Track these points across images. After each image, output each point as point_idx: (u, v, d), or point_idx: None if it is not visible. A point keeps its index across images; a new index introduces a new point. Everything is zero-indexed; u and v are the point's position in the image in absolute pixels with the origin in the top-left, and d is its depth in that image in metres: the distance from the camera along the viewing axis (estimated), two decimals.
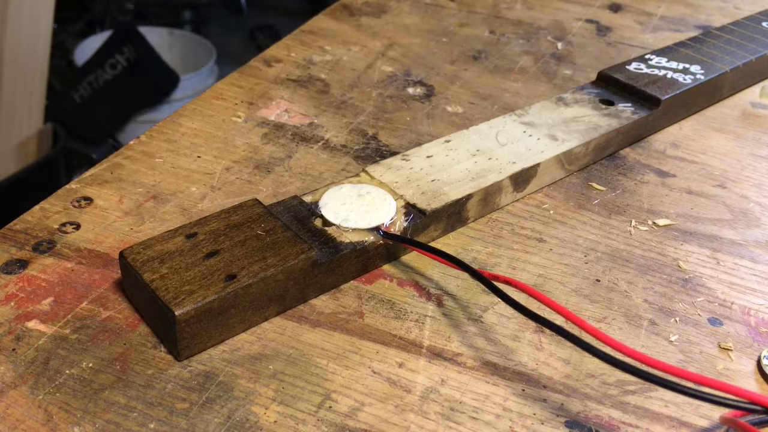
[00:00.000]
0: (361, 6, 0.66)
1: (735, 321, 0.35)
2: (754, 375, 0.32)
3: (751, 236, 0.41)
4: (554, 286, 0.36)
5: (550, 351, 0.33)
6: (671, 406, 0.31)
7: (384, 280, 0.36)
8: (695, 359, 0.33)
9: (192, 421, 0.28)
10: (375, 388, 0.30)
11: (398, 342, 0.32)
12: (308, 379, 0.30)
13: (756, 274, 0.38)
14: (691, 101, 0.51)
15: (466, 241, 0.39)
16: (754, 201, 0.44)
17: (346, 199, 0.37)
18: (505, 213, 0.41)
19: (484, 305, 0.35)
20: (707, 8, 0.70)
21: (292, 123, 0.48)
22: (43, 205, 0.38)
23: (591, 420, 0.30)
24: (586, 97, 0.48)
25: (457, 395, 0.30)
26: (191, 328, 0.30)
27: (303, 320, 0.33)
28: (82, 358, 0.30)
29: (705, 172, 0.46)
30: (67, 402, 0.29)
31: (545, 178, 0.43)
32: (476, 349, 0.32)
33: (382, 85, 0.53)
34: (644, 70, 0.50)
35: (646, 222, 0.41)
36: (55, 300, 0.33)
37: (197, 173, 0.42)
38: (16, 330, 0.31)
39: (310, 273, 0.33)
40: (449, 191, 0.38)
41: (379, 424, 0.29)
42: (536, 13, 0.67)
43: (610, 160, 0.46)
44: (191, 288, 0.30)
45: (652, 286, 0.37)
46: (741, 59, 0.53)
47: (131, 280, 0.32)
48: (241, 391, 0.30)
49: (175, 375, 0.30)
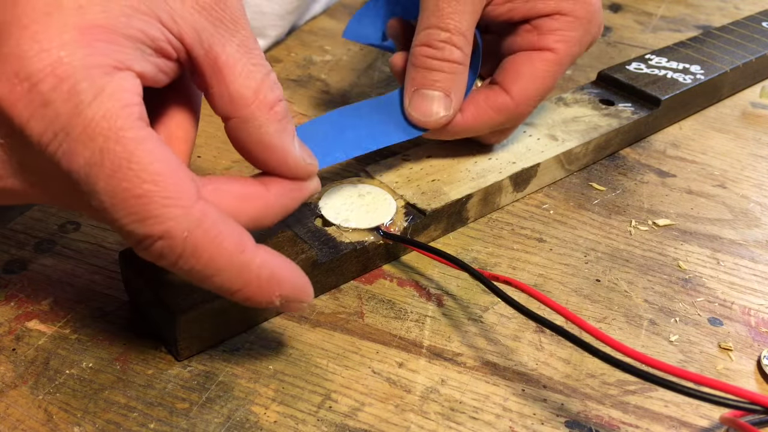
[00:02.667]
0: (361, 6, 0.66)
1: (735, 321, 0.35)
2: (754, 375, 0.32)
3: (751, 236, 0.41)
4: (554, 286, 0.36)
5: (550, 351, 0.33)
6: (671, 406, 0.31)
7: (384, 280, 0.36)
8: (695, 359, 0.33)
9: (192, 421, 0.28)
10: (375, 388, 0.30)
11: (398, 342, 0.32)
12: (308, 379, 0.30)
13: (756, 274, 0.38)
14: (691, 101, 0.51)
15: (466, 241, 0.39)
16: (754, 201, 0.44)
17: (346, 199, 0.37)
18: (505, 213, 0.41)
19: (484, 305, 0.35)
20: (707, 8, 0.70)
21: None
22: (43, 205, 0.38)
23: (591, 420, 0.30)
24: (586, 97, 0.48)
25: (457, 395, 0.30)
26: (191, 328, 0.30)
27: (303, 320, 0.33)
28: (82, 358, 0.30)
29: (705, 172, 0.46)
30: (67, 402, 0.29)
31: (545, 178, 0.43)
32: (476, 349, 0.32)
33: (382, 85, 0.53)
34: (644, 70, 0.51)
35: (646, 222, 0.41)
36: (55, 300, 0.33)
37: (197, 173, 0.42)
38: (16, 330, 0.31)
39: (310, 273, 0.33)
40: (449, 191, 0.38)
41: (379, 424, 0.29)
42: None
43: (610, 160, 0.46)
44: (191, 288, 0.30)
45: (652, 286, 0.37)
46: (741, 59, 0.53)
47: (131, 280, 0.32)
48: (241, 391, 0.30)
49: (175, 375, 0.30)
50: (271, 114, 0.27)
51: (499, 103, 0.38)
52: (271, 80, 0.27)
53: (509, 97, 0.38)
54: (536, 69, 0.38)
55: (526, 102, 0.38)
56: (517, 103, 0.38)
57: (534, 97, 0.38)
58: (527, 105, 0.38)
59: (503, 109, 0.38)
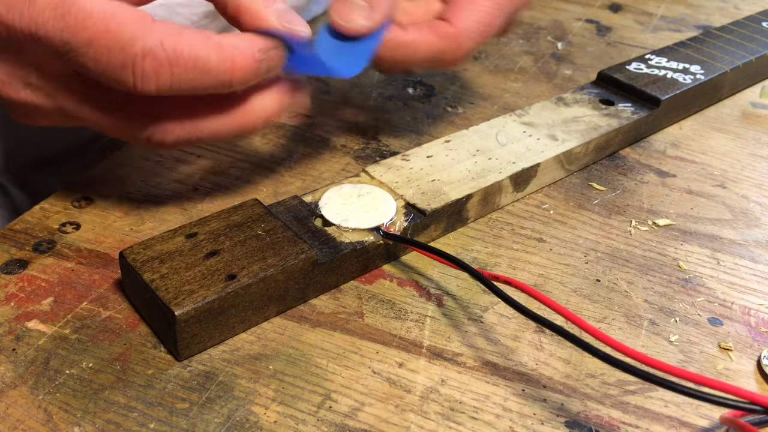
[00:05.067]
0: None
1: (735, 321, 0.35)
2: (754, 375, 0.32)
3: (751, 236, 0.41)
4: (554, 286, 0.36)
5: (550, 351, 0.33)
6: (671, 406, 0.31)
7: (384, 280, 0.36)
8: (695, 359, 0.33)
9: (192, 421, 0.28)
10: (375, 388, 0.30)
11: (398, 342, 0.32)
12: (308, 379, 0.30)
13: (756, 274, 0.38)
14: (691, 101, 0.51)
15: (466, 241, 0.39)
16: (754, 201, 0.44)
17: (346, 199, 0.37)
18: (505, 213, 0.41)
19: (484, 305, 0.35)
20: (707, 8, 0.70)
21: (292, 123, 0.48)
22: (43, 205, 0.38)
23: (591, 420, 0.30)
24: (586, 97, 0.48)
25: (457, 395, 0.30)
26: (191, 328, 0.30)
27: (303, 320, 0.33)
28: (82, 358, 0.30)
29: (705, 172, 0.46)
30: (67, 402, 0.29)
31: (545, 178, 0.43)
32: (476, 349, 0.32)
33: (382, 85, 0.53)
34: (644, 70, 0.51)
35: (646, 222, 0.41)
36: (55, 300, 0.33)
37: (198, 173, 0.42)
38: (16, 330, 0.31)
39: (310, 273, 0.33)
40: (449, 191, 0.38)
41: (379, 424, 0.29)
42: (536, 13, 0.67)
43: (610, 160, 0.46)
44: (191, 288, 0.30)
45: (652, 286, 0.37)
46: (741, 59, 0.53)
47: (131, 280, 0.32)
48: (241, 391, 0.30)
49: (175, 375, 0.30)
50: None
51: (441, 30, 0.39)
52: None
53: (451, 25, 0.39)
54: (478, 4, 0.39)
55: (466, 34, 0.39)
56: (458, 32, 0.39)
57: (474, 30, 0.39)
58: (467, 37, 0.39)
59: (444, 35, 0.39)
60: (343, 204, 0.37)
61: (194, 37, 0.30)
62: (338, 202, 0.37)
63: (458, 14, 0.39)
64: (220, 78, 0.31)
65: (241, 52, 0.31)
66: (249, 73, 0.31)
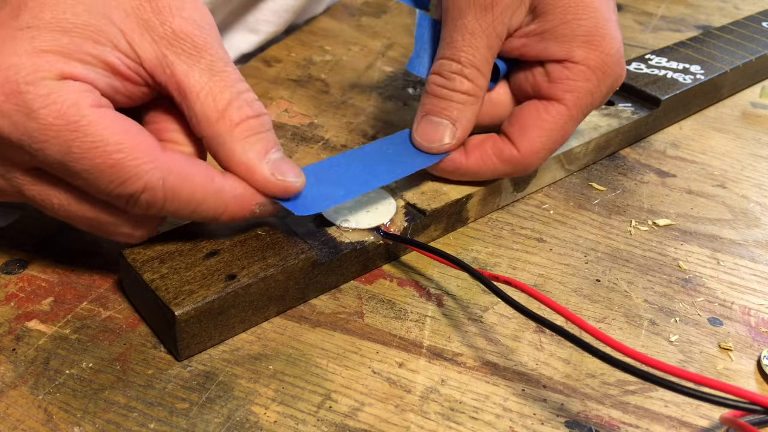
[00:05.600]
0: (361, 6, 0.66)
1: (735, 321, 0.35)
2: (754, 375, 0.32)
3: (751, 236, 0.41)
4: (554, 286, 0.36)
5: (550, 351, 0.33)
6: (671, 406, 0.31)
7: (384, 280, 0.36)
8: (695, 359, 0.33)
9: (192, 421, 0.28)
10: (375, 388, 0.30)
11: (398, 342, 0.32)
12: (308, 379, 0.30)
13: (756, 274, 0.38)
14: (691, 101, 0.51)
15: (466, 241, 0.39)
16: (754, 201, 0.44)
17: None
18: (505, 213, 0.41)
19: (484, 305, 0.35)
20: (707, 8, 0.70)
21: (292, 123, 0.48)
22: None
23: (591, 420, 0.30)
24: None
25: (457, 395, 0.30)
26: (191, 328, 0.30)
27: (303, 320, 0.33)
28: (82, 358, 0.30)
29: (705, 172, 0.46)
30: (67, 402, 0.29)
31: (545, 178, 0.43)
32: (476, 349, 0.32)
33: (382, 85, 0.53)
34: (644, 70, 0.51)
35: (646, 222, 0.41)
36: (55, 300, 0.33)
37: None
38: (16, 330, 0.31)
39: (310, 273, 0.33)
40: (449, 191, 0.38)
41: (379, 424, 0.29)
42: None
43: (610, 160, 0.46)
44: (191, 288, 0.30)
45: (652, 286, 0.37)
46: (741, 59, 0.53)
47: (131, 280, 0.32)
48: (241, 391, 0.30)
49: (175, 375, 0.30)
50: (236, 132, 0.30)
51: (505, 154, 0.37)
52: (241, 100, 0.30)
53: (516, 149, 0.37)
54: (544, 122, 0.36)
55: (533, 156, 0.37)
56: (524, 156, 0.37)
57: (541, 150, 0.37)
58: (534, 158, 0.37)
59: (509, 160, 0.37)
60: (342, 204, 0.36)
61: (197, 179, 0.29)
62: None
63: (524, 135, 0.37)
64: (207, 216, 0.31)
65: (238, 203, 0.31)
66: (237, 218, 0.31)
